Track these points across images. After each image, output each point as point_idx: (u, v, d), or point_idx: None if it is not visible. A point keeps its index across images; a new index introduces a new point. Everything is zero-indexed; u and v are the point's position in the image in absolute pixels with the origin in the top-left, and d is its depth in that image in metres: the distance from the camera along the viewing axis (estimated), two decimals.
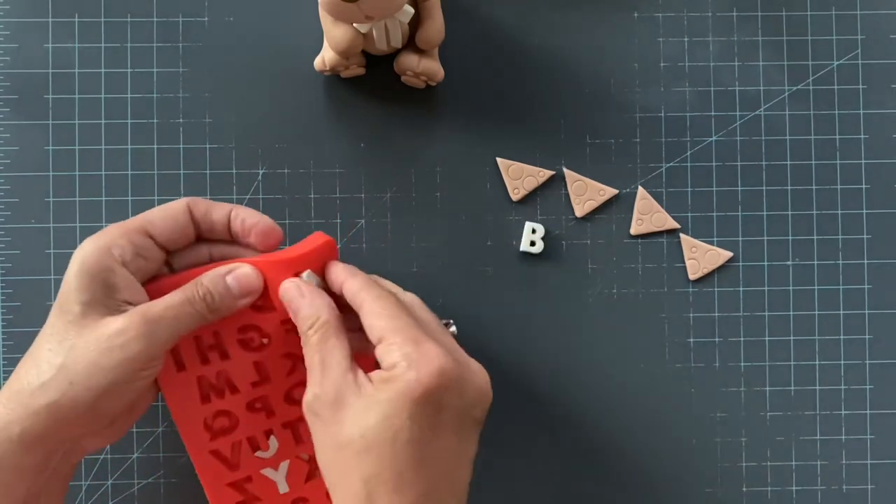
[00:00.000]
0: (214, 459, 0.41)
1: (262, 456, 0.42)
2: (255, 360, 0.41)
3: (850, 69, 0.47)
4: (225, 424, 0.41)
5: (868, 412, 0.47)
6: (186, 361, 0.41)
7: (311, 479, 0.42)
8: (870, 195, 0.47)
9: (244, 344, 0.41)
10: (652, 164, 0.47)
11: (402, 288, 0.41)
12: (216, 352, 0.41)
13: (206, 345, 0.41)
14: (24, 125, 0.46)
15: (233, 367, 0.41)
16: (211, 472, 0.41)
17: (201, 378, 0.41)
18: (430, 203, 0.47)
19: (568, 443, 0.46)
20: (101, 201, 0.46)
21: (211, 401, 0.41)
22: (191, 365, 0.41)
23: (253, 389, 0.41)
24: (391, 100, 0.47)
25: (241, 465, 0.41)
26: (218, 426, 0.41)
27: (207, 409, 0.41)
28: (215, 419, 0.41)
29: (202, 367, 0.41)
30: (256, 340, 0.41)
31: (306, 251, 0.40)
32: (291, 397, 0.42)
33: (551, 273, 0.47)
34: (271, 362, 0.41)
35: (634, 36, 0.47)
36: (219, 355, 0.41)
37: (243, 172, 0.46)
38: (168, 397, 0.40)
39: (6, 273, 0.46)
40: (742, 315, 0.47)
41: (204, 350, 0.41)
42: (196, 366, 0.41)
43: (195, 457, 0.41)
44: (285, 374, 0.42)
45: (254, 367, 0.41)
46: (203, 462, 0.41)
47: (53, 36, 0.46)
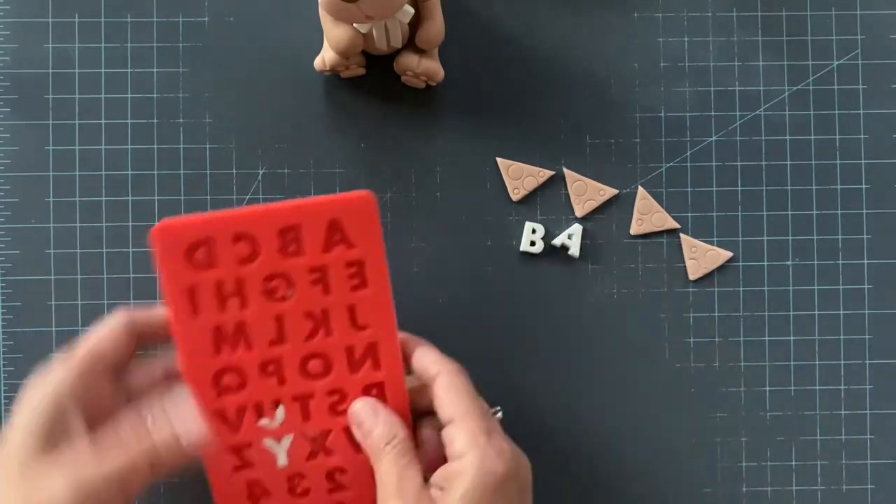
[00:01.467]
0: (217, 419, 0.40)
1: (266, 426, 0.40)
2: (277, 314, 0.40)
3: (850, 69, 0.47)
4: (234, 383, 0.40)
5: (868, 412, 0.47)
6: (203, 306, 0.39)
7: (312, 458, 0.41)
8: (870, 195, 0.47)
9: (268, 294, 0.40)
10: (652, 164, 0.47)
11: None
12: (237, 299, 0.39)
13: (227, 292, 0.39)
14: (24, 125, 0.46)
15: (252, 318, 0.39)
16: (211, 431, 0.39)
17: (217, 327, 0.39)
18: (430, 203, 0.47)
19: (567, 443, 0.46)
20: (101, 201, 0.46)
21: (223, 354, 0.39)
22: (207, 310, 0.39)
23: (269, 348, 0.40)
24: (391, 100, 0.47)
25: (244, 430, 0.40)
26: (226, 383, 0.40)
27: (218, 362, 0.39)
28: (224, 375, 0.40)
29: (219, 314, 0.39)
30: (281, 290, 0.40)
31: (340, 197, 0.40)
32: (306, 370, 0.40)
33: (551, 273, 0.47)
34: (292, 319, 0.40)
35: (634, 36, 0.47)
36: (239, 303, 0.39)
37: (243, 172, 0.46)
38: (179, 344, 0.39)
39: (6, 273, 0.46)
40: (742, 315, 0.47)
41: (224, 297, 0.39)
42: (213, 312, 0.39)
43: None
44: (303, 339, 0.40)
45: (274, 322, 0.40)
46: (204, 420, 0.39)
47: (53, 36, 0.46)
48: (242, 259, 0.39)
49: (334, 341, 0.40)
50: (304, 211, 0.39)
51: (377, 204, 0.40)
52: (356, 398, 0.41)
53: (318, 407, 0.40)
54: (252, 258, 0.39)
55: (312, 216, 0.39)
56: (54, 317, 0.46)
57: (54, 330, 0.46)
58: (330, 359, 0.41)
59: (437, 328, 0.46)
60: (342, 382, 0.41)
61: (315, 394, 0.41)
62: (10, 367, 0.46)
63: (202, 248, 0.39)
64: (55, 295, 0.46)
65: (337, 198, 0.40)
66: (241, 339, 0.40)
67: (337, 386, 0.41)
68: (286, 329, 0.40)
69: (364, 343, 0.41)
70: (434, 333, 0.46)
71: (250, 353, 0.40)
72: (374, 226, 0.40)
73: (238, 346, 0.40)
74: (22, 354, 0.46)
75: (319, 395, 0.41)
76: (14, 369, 0.46)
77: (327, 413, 0.41)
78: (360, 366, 0.41)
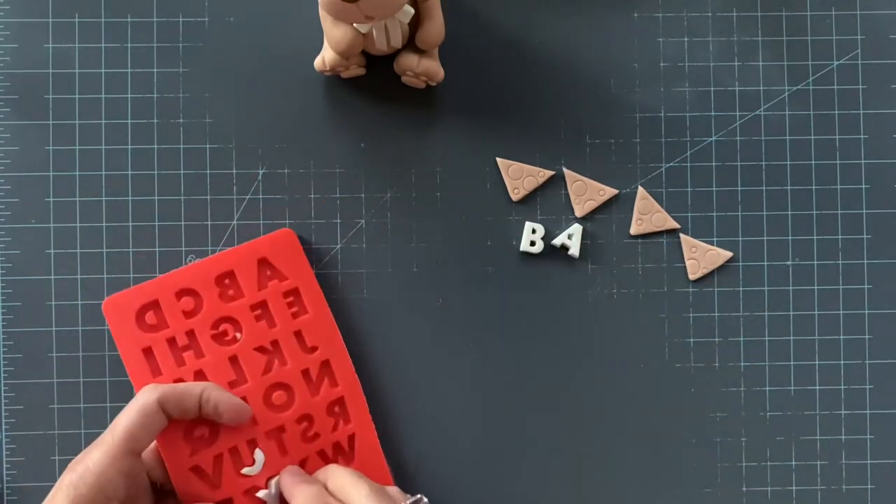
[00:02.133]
0: (195, 477, 0.41)
1: (250, 473, 0.42)
2: (230, 356, 0.43)
3: (850, 69, 0.47)
4: (205, 433, 0.41)
5: (868, 412, 0.47)
6: (162, 366, 0.42)
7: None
8: (870, 195, 0.47)
9: (218, 339, 0.43)
10: (652, 164, 0.47)
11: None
12: (191, 351, 0.42)
13: (181, 346, 0.42)
14: (24, 125, 0.46)
15: (209, 366, 0.42)
16: (192, 492, 0.41)
17: (178, 381, 0.42)
18: (430, 203, 0.47)
19: (567, 442, 0.46)
20: (101, 201, 0.46)
21: None
22: (167, 367, 0.42)
23: (231, 391, 0.42)
24: (391, 100, 0.47)
25: (224, 483, 0.41)
26: (198, 435, 0.41)
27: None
28: (195, 428, 0.41)
29: (178, 370, 0.42)
30: (230, 333, 0.43)
31: (262, 238, 0.44)
32: (271, 402, 0.43)
33: (551, 273, 0.47)
34: (245, 357, 0.43)
35: (634, 36, 0.47)
36: (194, 354, 0.42)
37: (243, 172, 0.46)
38: None
39: (6, 273, 0.46)
40: (742, 315, 0.47)
41: (178, 352, 0.42)
42: (172, 368, 0.42)
43: (175, 475, 0.41)
44: (260, 373, 0.43)
45: (229, 364, 0.43)
46: (184, 482, 0.41)
47: (53, 36, 0.46)
48: (188, 312, 0.43)
49: (290, 368, 0.43)
50: (235, 256, 0.43)
51: (297, 238, 0.45)
52: (322, 421, 0.43)
53: (291, 438, 0.43)
54: (197, 310, 0.43)
55: (242, 259, 0.44)
56: (54, 317, 0.46)
57: (54, 330, 0.46)
58: (290, 386, 0.43)
59: (437, 328, 0.46)
60: (307, 407, 0.43)
61: (286, 425, 0.43)
62: (10, 367, 0.46)
63: (150, 311, 0.43)
64: (55, 295, 0.46)
65: (261, 239, 0.44)
66: None
67: (304, 412, 0.43)
68: (243, 367, 0.43)
69: (317, 363, 0.44)
70: (434, 333, 0.46)
71: None
72: (300, 257, 0.44)
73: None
74: (22, 354, 0.46)
75: (290, 425, 0.43)
76: (14, 369, 0.46)
77: (301, 441, 0.43)
78: (318, 386, 0.44)
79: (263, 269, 0.44)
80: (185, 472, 0.41)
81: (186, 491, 0.41)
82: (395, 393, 0.46)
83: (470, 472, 0.46)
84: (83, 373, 0.46)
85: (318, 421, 0.43)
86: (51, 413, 0.46)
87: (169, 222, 0.46)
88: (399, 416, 0.46)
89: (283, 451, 0.43)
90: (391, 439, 0.46)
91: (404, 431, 0.46)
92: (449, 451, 0.46)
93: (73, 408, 0.46)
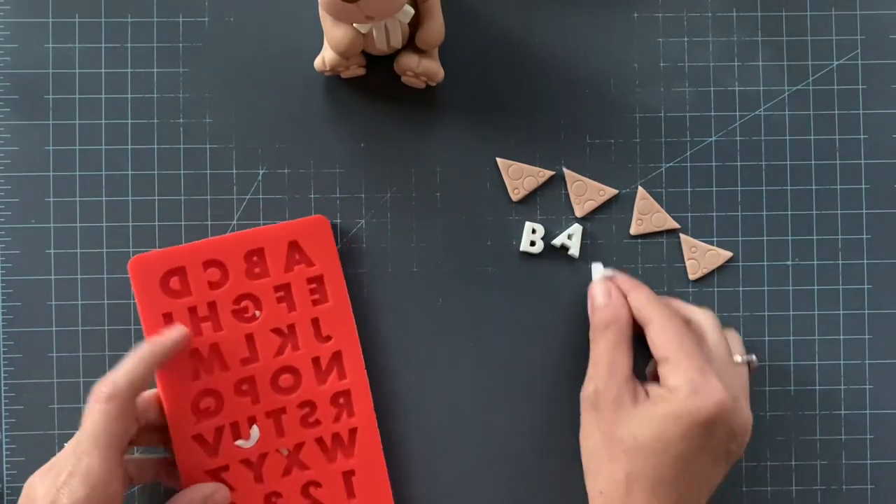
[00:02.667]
0: (196, 445, 0.42)
1: (243, 446, 0.43)
2: (247, 333, 0.43)
3: (850, 69, 0.47)
4: (210, 406, 0.43)
5: (868, 412, 0.47)
6: None
7: (287, 474, 0.44)
8: (870, 195, 0.47)
9: (238, 314, 0.43)
10: (652, 164, 0.47)
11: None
12: (210, 323, 0.43)
13: (201, 316, 0.43)
14: (24, 125, 0.46)
15: (224, 340, 0.43)
16: (191, 458, 0.42)
17: (194, 352, 0.43)
18: (430, 203, 0.47)
19: (567, 442, 0.46)
20: (101, 201, 0.46)
21: (200, 377, 0.43)
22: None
23: (242, 367, 0.43)
24: (391, 100, 0.47)
25: (221, 452, 0.43)
26: (204, 407, 0.43)
27: (196, 386, 0.43)
28: (202, 399, 0.43)
29: (196, 339, 0.43)
30: (250, 311, 0.44)
31: (297, 221, 0.44)
32: (278, 385, 0.44)
33: (551, 273, 0.47)
34: (261, 337, 0.43)
35: (634, 36, 0.47)
36: (212, 326, 0.43)
37: (243, 172, 0.46)
38: (158, 373, 0.42)
39: (6, 273, 0.46)
40: (742, 315, 0.47)
41: (198, 321, 0.43)
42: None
43: (178, 441, 0.42)
44: (273, 355, 0.44)
45: (245, 341, 0.43)
46: (185, 447, 0.42)
47: (53, 36, 0.46)
48: (213, 283, 0.43)
49: (301, 354, 0.44)
50: (267, 235, 0.44)
51: (330, 226, 0.45)
52: (325, 410, 0.44)
53: (290, 421, 0.44)
54: (222, 283, 0.43)
55: (274, 239, 0.44)
56: (54, 317, 0.46)
57: (54, 330, 0.46)
58: (299, 372, 0.44)
59: (437, 328, 0.46)
60: (311, 394, 0.44)
61: (287, 408, 0.44)
62: (10, 367, 0.46)
63: (175, 276, 0.43)
64: (55, 295, 0.46)
65: (295, 222, 0.44)
66: (216, 361, 0.43)
67: (307, 398, 0.44)
68: (257, 346, 0.43)
69: (329, 353, 0.44)
70: (434, 333, 0.46)
71: (226, 373, 0.43)
72: (330, 245, 0.44)
73: (214, 369, 0.43)
74: (22, 354, 0.46)
75: (291, 408, 0.44)
76: (14, 369, 0.46)
77: (299, 426, 0.44)
78: (326, 376, 0.44)
79: (293, 252, 0.44)
80: (188, 438, 0.42)
81: (186, 455, 0.42)
82: (395, 392, 0.46)
83: (469, 472, 0.46)
84: (83, 373, 0.46)
85: (320, 409, 0.44)
86: (51, 413, 0.46)
87: (169, 222, 0.46)
88: (398, 415, 0.46)
89: (280, 432, 0.43)
90: (389, 438, 0.46)
91: (404, 431, 0.46)
92: (448, 450, 0.46)
93: (73, 408, 0.46)
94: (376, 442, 0.44)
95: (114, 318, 0.46)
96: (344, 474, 0.44)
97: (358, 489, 0.44)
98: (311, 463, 0.44)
